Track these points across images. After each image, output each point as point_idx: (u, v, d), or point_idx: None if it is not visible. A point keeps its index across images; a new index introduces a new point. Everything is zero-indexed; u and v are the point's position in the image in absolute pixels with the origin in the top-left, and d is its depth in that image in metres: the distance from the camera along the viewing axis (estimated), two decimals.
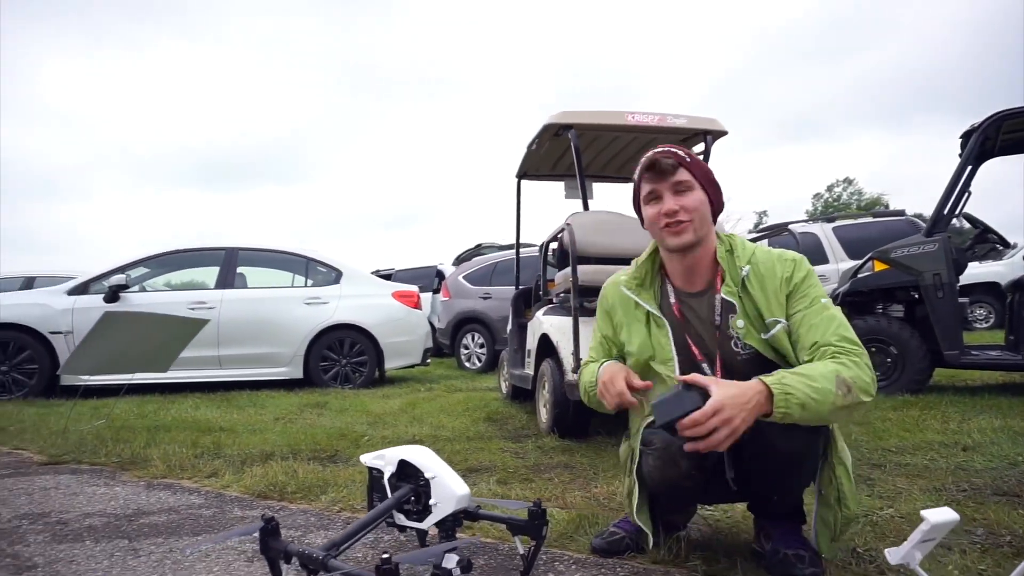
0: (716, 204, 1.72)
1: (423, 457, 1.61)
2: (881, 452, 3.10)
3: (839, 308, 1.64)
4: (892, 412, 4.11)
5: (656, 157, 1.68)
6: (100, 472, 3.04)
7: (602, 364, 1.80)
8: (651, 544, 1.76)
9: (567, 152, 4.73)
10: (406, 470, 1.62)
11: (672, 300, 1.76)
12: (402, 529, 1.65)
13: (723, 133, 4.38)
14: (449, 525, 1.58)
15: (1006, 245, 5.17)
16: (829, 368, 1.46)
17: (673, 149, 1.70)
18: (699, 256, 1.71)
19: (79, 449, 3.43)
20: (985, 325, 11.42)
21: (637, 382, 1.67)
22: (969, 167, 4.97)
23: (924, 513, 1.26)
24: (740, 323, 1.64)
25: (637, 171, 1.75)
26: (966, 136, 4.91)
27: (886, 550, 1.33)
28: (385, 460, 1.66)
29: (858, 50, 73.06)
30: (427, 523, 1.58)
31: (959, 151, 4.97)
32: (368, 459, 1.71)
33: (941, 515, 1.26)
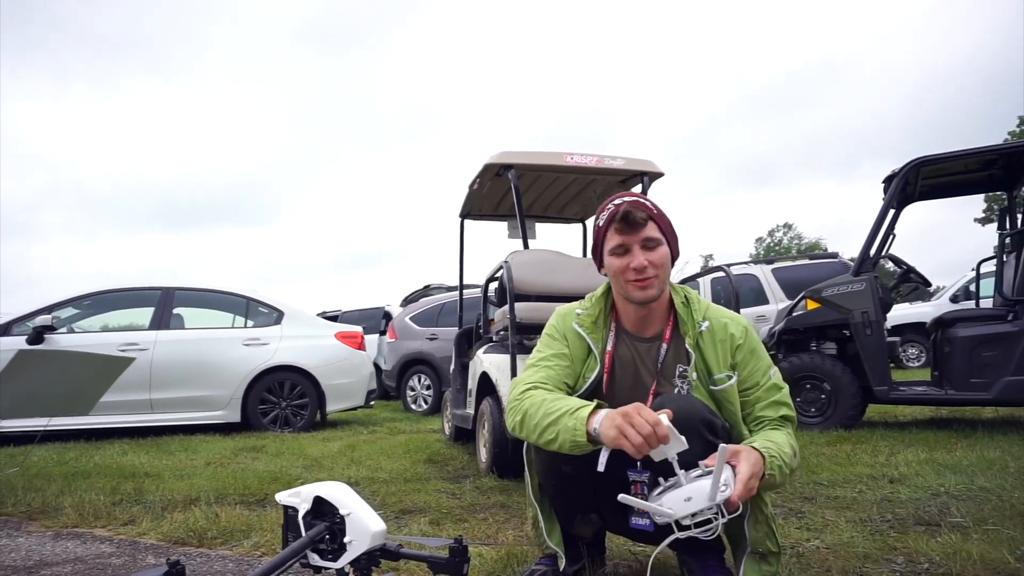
0: (675, 255, 1.75)
1: (339, 493, 1.55)
2: (813, 486, 3.14)
3: (777, 372, 1.76)
4: (826, 447, 4.19)
5: (629, 208, 1.67)
6: (5, 523, 2.84)
7: (594, 406, 1.51)
8: (562, 565, 1.74)
9: (509, 192, 4.78)
10: (322, 507, 1.56)
11: (610, 346, 1.78)
12: (317, 570, 1.58)
13: (660, 175, 4.50)
14: (364, 564, 1.52)
15: (927, 285, 5.42)
16: (784, 437, 1.61)
17: (643, 201, 1.70)
18: (655, 306, 1.75)
19: None
20: (917, 364, 11.86)
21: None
22: (892, 211, 5.22)
23: None
24: (694, 375, 1.70)
25: (603, 218, 1.73)
26: (888, 181, 5.17)
27: None
28: (300, 497, 1.59)
29: (809, 104, 78.59)
30: (342, 562, 1.51)
31: (882, 195, 5.22)
32: (283, 497, 1.64)
33: None
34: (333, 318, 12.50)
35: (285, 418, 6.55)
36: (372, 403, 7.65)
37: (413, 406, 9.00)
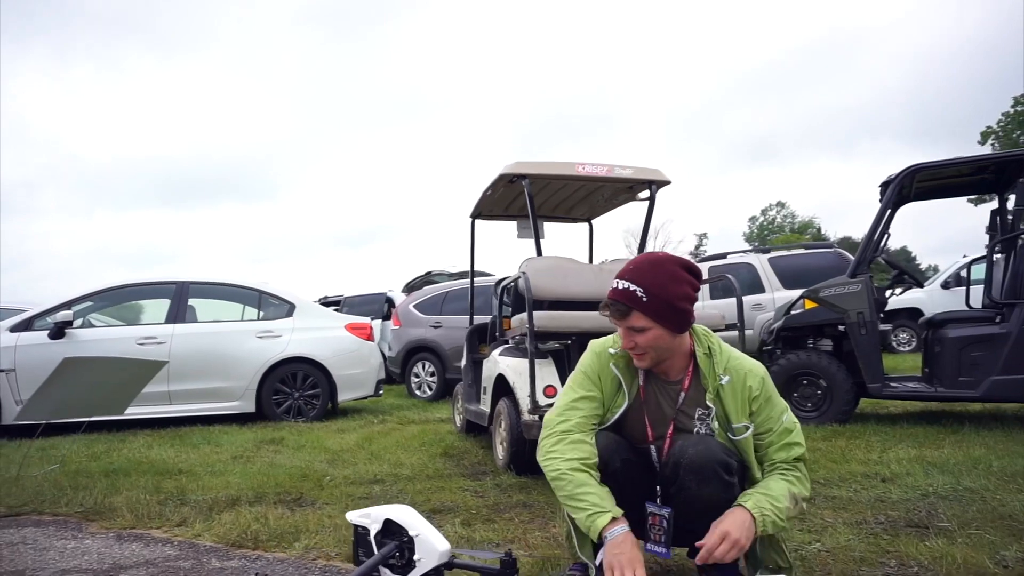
0: (680, 326, 1.88)
1: (407, 516, 1.77)
2: (812, 485, 3.37)
3: (790, 414, 1.94)
4: (822, 442, 4.44)
5: (609, 303, 1.85)
6: (65, 524, 3.06)
7: (611, 519, 1.76)
8: (592, 574, 1.96)
9: (520, 195, 4.96)
10: (391, 528, 1.78)
11: (641, 380, 1.98)
12: None
13: (667, 183, 4.68)
14: None
15: (920, 285, 5.65)
16: (783, 486, 1.82)
17: (631, 290, 1.81)
18: (668, 363, 1.95)
19: (38, 498, 3.42)
20: (907, 349, 12.15)
21: None
22: (888, 212, 5.43)
23: None
24: (716, 425, 1.90)
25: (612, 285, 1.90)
26: (884, 185, 5.37)
27: None
28: (371, 519, 1.81)
29: (809, 83, 79.19)
30: None
31: (879, 199, 5.42)
32: (354, 517, 1.86)
33: None
34: (335, 303, 12.71)
35: (298, 408, 6.77)
36: (381, 392, 7.87)
37: (418, 392, 9.24)
